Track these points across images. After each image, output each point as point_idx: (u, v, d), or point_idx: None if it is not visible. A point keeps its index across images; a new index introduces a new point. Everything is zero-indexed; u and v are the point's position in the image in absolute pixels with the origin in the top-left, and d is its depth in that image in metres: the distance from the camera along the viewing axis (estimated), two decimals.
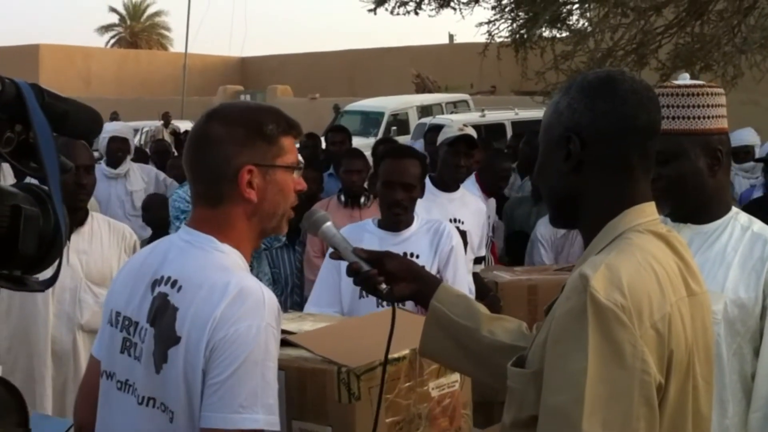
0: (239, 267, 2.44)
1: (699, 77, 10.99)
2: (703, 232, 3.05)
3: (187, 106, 31.60)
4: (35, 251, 1.73)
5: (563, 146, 2.13)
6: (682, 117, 2.97)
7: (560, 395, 1.93)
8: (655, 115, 2.14)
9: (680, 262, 2.10)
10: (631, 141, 2.11)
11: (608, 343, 1.90)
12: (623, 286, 1.93)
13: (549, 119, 2.20)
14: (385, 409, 2.50)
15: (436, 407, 2.67)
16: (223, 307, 2.30)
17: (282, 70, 40.95)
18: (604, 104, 2.11)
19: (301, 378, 2.52)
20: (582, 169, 2.12)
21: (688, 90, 2.98)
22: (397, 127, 22.88)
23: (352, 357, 2.50)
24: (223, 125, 2.47)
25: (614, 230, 2.10)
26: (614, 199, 2.11)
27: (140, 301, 2.47)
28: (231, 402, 2.26)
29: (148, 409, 2.40)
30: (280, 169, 2.50)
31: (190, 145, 2.53)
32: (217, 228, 2.47)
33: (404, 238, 4.51)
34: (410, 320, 2.58)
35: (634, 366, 1.90)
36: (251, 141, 2.46)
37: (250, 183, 2.45)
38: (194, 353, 2.31)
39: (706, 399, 2.11)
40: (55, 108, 1.75)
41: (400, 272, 2.50)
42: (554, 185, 2.19)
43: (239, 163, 2.44)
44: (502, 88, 28.17)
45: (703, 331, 2.11)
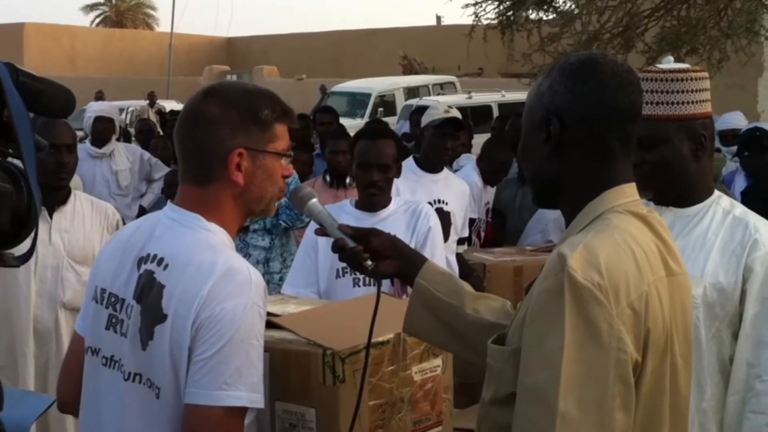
0: (225, 245, 2.44)
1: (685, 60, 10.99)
2: (684, 216, 3.06)
3: (173, 85, 31.54)
4: (8, 227, 1.73)
5: (544, 128, 2.14)
6: (666, 102, 2.97)
7: (537, 374, 1.95)
8: (635, 98, 2.15)
9: (659, 243, 2.11)
10: (610, 124, 2.12)
11: (585, 321, 1.92)
12: (600, 266, 1.95)
13: (531, 101, 2.21)
14: (368, 392, 2.50)
15: (418, 391, 2.68)
16: (210, 286, 2.31)
17: (268, 50, 40.86)
18: (584, 87, 2.12)
19: (285, 360, 2.53)
20: (562, 151, 2.13)
21: (672, 75, 2.98)
22: (383, 109, 22.91)
23: (337, 340, 2.50)
24: (219, 105, 2.46)
25: (594, 211, 2.11)
26: (594, 180, 2.13)
27: (127, 278, 2.47)
28: (215, 379, 2.27)
29: (135, 385, 2.41)
30: (270, 155, 2.49)
31: (183, 121, 2.52)
32: (203, 207, 2.46)
33: (381, 218, 4.47)
34: (394, 304, 2.59)
35: (611, 345, 1.92)
36: (245, 125, 2.45)
37: (239, 166, 2.45)
38: (180, 331, 2.32)
39: (685, 378, 2.13)
40: (30, 87, 1.75)
41: (386, 249, 2.50)
42: (536, 167, 2.21)
43: (231, 146, 2.44)
44: (489, 70, 28.16)
45: (682, 311, 2.13)
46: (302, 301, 3.07)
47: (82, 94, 22.52)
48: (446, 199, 6.08)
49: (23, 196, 1.75)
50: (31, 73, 1.77)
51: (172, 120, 12.05)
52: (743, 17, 10.21)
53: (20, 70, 1.74)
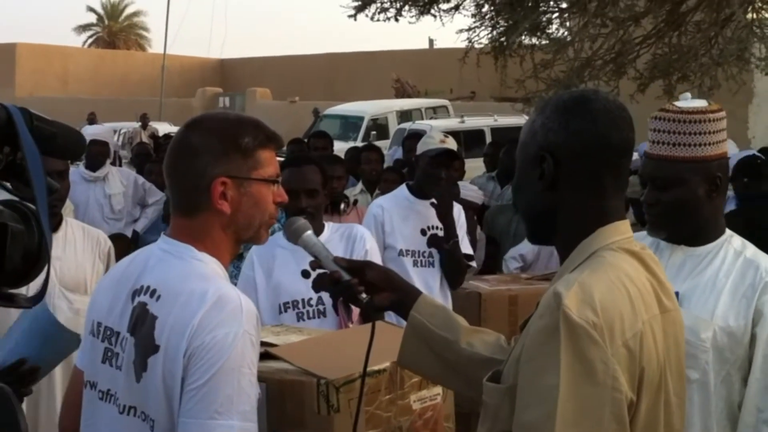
0: (218, 275, 2.46)
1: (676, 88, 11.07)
2: (695, 255, 3.04)
3: (166, 107, 31.58)
4: (20, 267, 1.77)
5: (537, 165, 2.16)
6: (683, 144, 2.93)
7: (532, 412, 1.96)
8: (627, 134, 2.16)
9: (653, 280, 2.13)
10: (603, 160, 2.13)
11: (580, 360, 1.93)
12: (595, 304, 1.96)
13: (524, 138, 2.22)
14: (365, 421, 2.52)
15: (417, 420, 2.69)
16: (201, 315, 2.32)
17: (261, 72, 40.92)
18: (577, 124, 2.13)
19: (281, 389, 2.54)
20: (557, 188, 2.15)
21: (691, 117, 2.92)
22: (376, 132, 22.94)
23: (331, 369, 2.51)
24: (200, 135, 2.49)
25: (588, 248, 2.12)
26: (588, 217, 2.14)
27: (121, 311, 2.49)
28: (206, 408, 2.28)
29: (129, 418, 2.42)
30: (256, 182, 2.51)
31: (170, 153, 2.55)
32: (194, 237, 2.48)
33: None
34: (391, 333, 2.60)
35: (606, 383, 1.93)
36: (226, 153, 2.47)
37: (224, 195, 2.46)
38: (173, 361, 2.33)
39: (678, 415, 2.15)
40: (43, 131, 1.79)
41: (381, 282, 2.50)
42: (530, 203, 2.22)
43: (213, 175, 2.46)
44: (482, 93, 28.26)
45: (675, 347, 2.14)
46: (305, 332, 3.08)
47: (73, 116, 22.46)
48: (440, 225, 6.08)
49: (34, 235, 1.78)
50: (44, 117, 1.80)
51: (165, 144, 12.06)
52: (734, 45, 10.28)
53: (34, 115, 1.78)
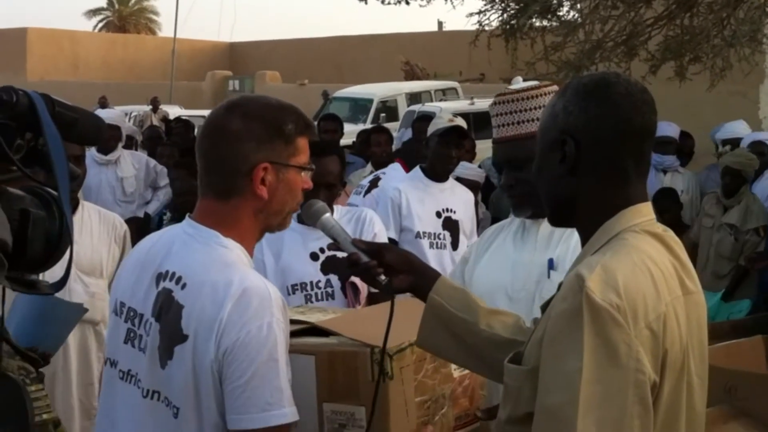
0: (243, 263, 2.46)
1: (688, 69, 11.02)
2: None
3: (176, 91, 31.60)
4: (41, 253, 1.78)
5: (559, 149, 2.16)
6: (528, 120, 3.01)
7: (555, 395, 1.96)
8: (649, 117, 2.16)
9: (676, 262, 2.13)
10: (625, 144, 2.14)
11: (603, 343, 1.93)
12: (619, 287, 1.96)
13: (545, 122, 2.23)
14: (413, 389, 2.57)
15: (457, 387, 2.73)
16: (229, 308, 2.33)
17: (271, 55, 40.86)
18: (599, 107, 2.14)
19: (332, 361, 2.58)
20: (578, 171, 2.15)
21: (529, 93, 3.02)
22: (385, 114, 22.91)
23: (380, 339, 2.52)
24: (243, 120, 2.48)
25: (610, 231, 2.13)
26: (610, 200, 2.14)
27: (145, 294, 2.50)
28: (258, 402, 2.31)
29: (153, 403, 2.44)
30: (292, 169, 2.52)
31: (206, 135, 2.54)
32: (221, 222, 2.49)
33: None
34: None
35: (629, 366, 1.94)
36: (270, 139, 2.48)
37: (263, 180, 2.47)
38: (203, 354, 2.35)
39: (701, 396, 2.15)
40: (65, 117, 1.81)
41: (399, 264, 2.50)
42: (551, 186, 2.22)
43: (256, 160, 2.46)
44: (491, 75, 28.17)
45: (698, 329, 2.14)
46: (329, 311, 3.10)
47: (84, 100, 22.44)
48: (454, 207, 6.13)
49: (55, 221, 1.79)
50: (65, 103, 1.82)
51: (177, 127, 12.07)
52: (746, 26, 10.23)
53: (56, 101, 1.79)
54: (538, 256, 3.08)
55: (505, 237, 3.23)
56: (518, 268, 3.09)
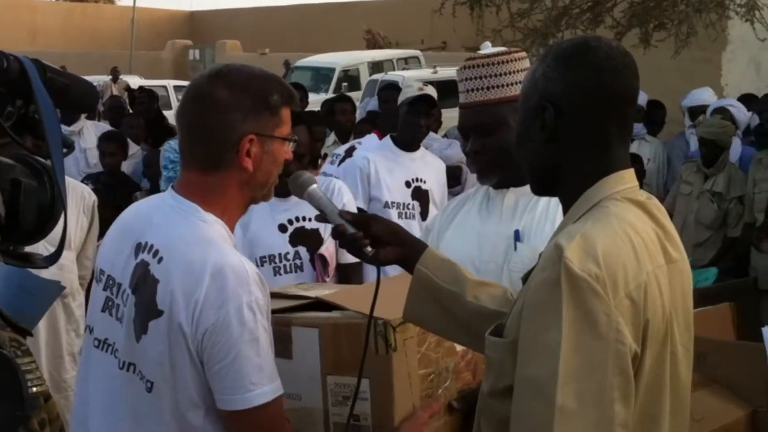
0: (222, 239, 2.43)
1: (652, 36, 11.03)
2: (526, 193, 2.99)
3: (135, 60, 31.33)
4: (34, 224, 1.73)
5: (539, 116, 2.12)
6: (497, 86, 2.97)
7: (534, 367, 1.94)
8: (631, 82, 2.12)
9: (659, 230, 2.10)
10: (606, 109, 2.10)
11: (582, 313, 1.91)
12: (598, 256, 1.93)
13: (526, 88, 2.19)
14: (417, 361, 2.56)
15: (460, 361, 2.71)
16: (206, 287, 2.32)
17: (231, 24, 40.54)
18: (578, 73, 2.10)
19: (336, 334, 2.56)
20: (559, 138, 2.11)
21: (499, 59, 2.98)
22: (348, 83, 22.86)
23: (384, 311, 2.50)
24: (229, 90, 2.44)
25: (591, 199, 2.09)
26: (591, 167, 2.11)
27: (124, 264, 2.47)
28: (242, 382, 2.33)
29: (129, 375, 2.42)
30: (277, 140, 2.49)
31: (190, 105, 2.50)
32: (204, 195, 2.46)
33: (294, 202, 4.37)
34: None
35: (609, 336, 1.91)
36: (256, 110, 2.45)
37: (249, 152, 2.44)
38: (178, 331, 2.34)
39: (686, 365, 2.13)
40: (56, 83, 1.75)
41: (386, 235, 2.45)
42: (533, 154, 2.18)
43: (242, 132, 2.43)
44: (453, 44, 28.13)
45: (682, 298, 2.12)
46: (327, 287, 3.08)
47: None
48: (424, 177, 6.09)
49: (47, 191, 1.74)
50: (56, 69, 1.76)
51: (141, 97, 11.95)
52: None
53: (47, 66, 1.73)
54: (504, 228, 3.04)
55: (470, 208, 3.18)
56: (484, 239, 3.05)
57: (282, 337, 2.58)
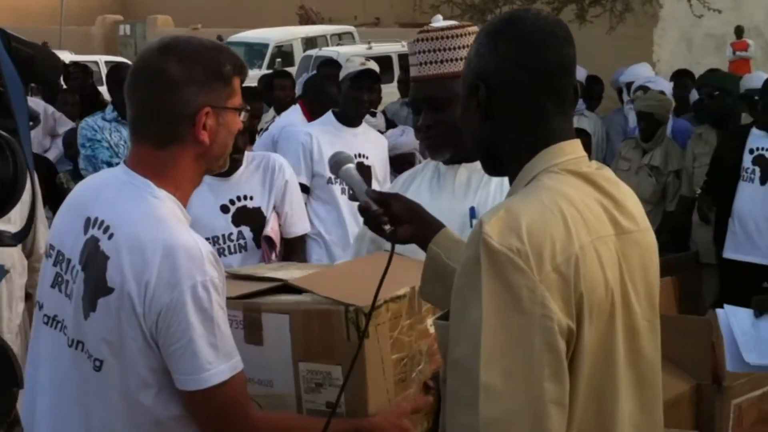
0: (175, 216, 2.39)
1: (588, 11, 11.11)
2: (478, 169, 2.98)
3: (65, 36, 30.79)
4: None
5: (474, 95, 2.10)
6: (451, 60, 2.95)
7: (459, 347, 1.92)
8: (563, 50, 2.07)
9: (607, 200, 2.05)
10: (538, 81, 2.06)
11: (504, 289, 1.87)
12: (521, 230, 1.89)
13: (463, 69, 2.18)
14: (390, 346, 2.54)
15: (434, 343, 2.67)
16: (158, 266, 2.29)
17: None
18: (506, 46, 2.06)
19: (307, 320, 2.54)
20: (495, 116, 2.08)
21: (453, 32, 2.97)
22: (281, 59, 22.69)
23: (356, 296, 2.50)
24: (181, 63, 2.40)
25: (529, 173, 2.06)
26: (528, 141, 2.07)
27: (74, 239, 2.42)
28: (198, 362, 2.31)
29: (77, 353, 2.39)
30: (231, 111, 2.47)
31: (140, 80, 2.45)
32: (157, 171, 2.42)
33: (235, 181, 4.37)
34: (405, 261, 2.61)
35: (533, 312, 1.86)
36: (210, 82, 2.42)
37: (205, 125, 2.41)
38: (131, 311, 2.30)
39: (650, 340, 2.09)
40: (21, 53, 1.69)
41: (405, 215, 2.46)
42: (473, 135, 2.16)
43: (198, 105, 2.40)
44: (386, 20, 28.09)
45: (642, 270, 2.08)
46: (303, 267, 3.05)
47: None
48: (367, 153, 6.04)
49: (9, 165, 1.69)
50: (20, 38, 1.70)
51: (75, 72, 11.75)
52: None
53: (11, 35, 1.67)
54: (458, 204, 3.01)
55: (420, 184, 3.15)
56: (437, 216, 3.02)
57: (252, 323, 2.57)
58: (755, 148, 6.62)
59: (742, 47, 18.86)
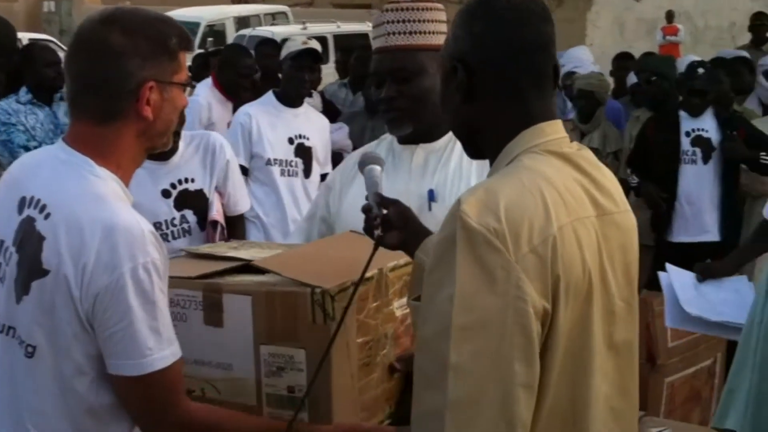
0: (116, 196, 2.29)
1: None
2: (436, 150, 3.02)
3: None
4: None
5: (453, 77, 2.08)
6: (420, 32, 2.94)
7: (428, 326, 1.89)
8: (540, 28, 2.05)
9: (587, 181, 2.04)
10: (516, 60, 2.03)
11: (479, 268, 1.84)
12: (499, 210, 1.87)
13: (441, 53, 2.16)
14: (355, 330, 2.48)
15: (399, 326, 2.65)
16: (98, 247, 2.18)
17: None
18: (481, 26, 2.05)
19: (270, 302, 2.47)
20: (474, 98, 2.06)
21: (424, 5, 2.96)
22: (213, 39, 22.45)
23: (322, 279, 2.45)
24: (124, 35, 2.29)
25: (509, 154, 2.04)
26: (508, 122, 2.05)
27: (8, 219, 2.31)
28: (137, 347, 2.21)
29: (8, 339, 2.29)
30: (176, 86, 2.37)
31: (79, 52, 2.34)
32: (98, 148, 2.31)
33: (174, 164, 4.27)
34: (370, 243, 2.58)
35: (507, 292, 1.84)
36: (154, 55, 2.32)
37: (148, 100, 2.31)
38: (65, 292, 2.20)
39: (627, 321, 2.07)
40: None
41: (397, 221, 2.44)
42: (454, 119, 2.16)
43: (141, 79, 2.29)
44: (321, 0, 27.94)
45: (621, 251, 2.07)
46: (265, 246, 2.99)
47: None
48: (307, 134, 6.00)
49: None
50: None
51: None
52: None
53: None
54: (415, 186, 2.98)
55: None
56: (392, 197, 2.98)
57: (213, 304, 2.50)
58: (690, 130, 6.66)
59: (672, 32, 19.10)
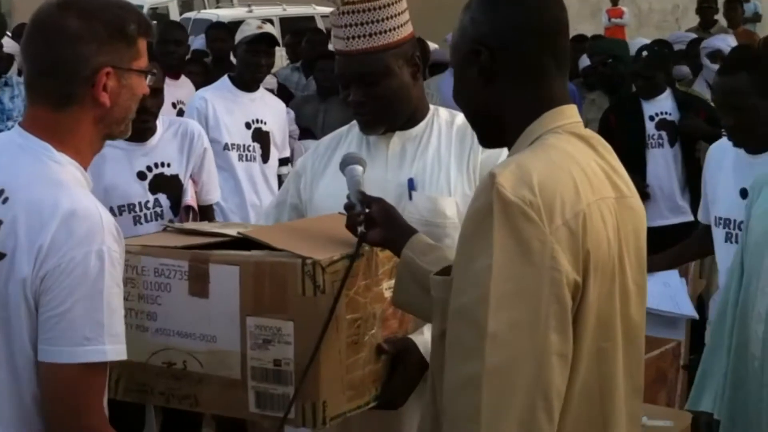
0: (75, 181, 2.25)
1: None
2: (412, 138, 3.00)
3: None
4: None
5: (474, 61, 2.09)
6: (379, 32, 2.88)
7: (465, 296, 1.90)
8: (559, 12, 2.11)
9: (605, 164, 2.08)
10: (537, 43, 2.07)
11: (515, 239, 1.87)
12: (533, 184, 1.90)
13: (455, 40, 2.17)
14: (345, 305, 2.46)
15: (388, 308, 2.63)
16: (54, 231, 2.13)
17: None
18: (505, 9, 2.09)
19: (258, 273, 2.45)
20: (496, 81, 2.08)
21: (378, 3, 2.89)
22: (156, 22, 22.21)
23: (312, 251, 2.43)
24: (81, 19, 2.25)
25: (532, 134, 2.06)
26: (531, 103, 2.08)
27: None
28: (74, 334, 2.12)
29: None
30: (135, 73, 2.33)
31: (36, 36, 2.30)
32: (56, 134, 2.27)
33: (151, 147, 4.25)
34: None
35: (543, 263, 1.87)
36: (112, 41, 2.27)
37: (105, 86, 2.27)
38: (17, 276, 2.15)
39: (637, 303, 2.10)
40: None
41: (380, 218, 2.48)
42: (474, 104, 2.16)
43: (98, 64, 2.25)
44: None
45: (634, 235, 2.10)
46: (251, 226, 2.96)
47: None
48: (264, 118, 5.96)
49: None
50: None
51: None
52: None
53: None
54: (392, 175, 2.94)
55: (347, 151, 3.01)
56: (370, 187, 2.82)
57: (199, 274, 2.48)
58: (654, 114, 6.66)
59: (618, 14, 19.24)
